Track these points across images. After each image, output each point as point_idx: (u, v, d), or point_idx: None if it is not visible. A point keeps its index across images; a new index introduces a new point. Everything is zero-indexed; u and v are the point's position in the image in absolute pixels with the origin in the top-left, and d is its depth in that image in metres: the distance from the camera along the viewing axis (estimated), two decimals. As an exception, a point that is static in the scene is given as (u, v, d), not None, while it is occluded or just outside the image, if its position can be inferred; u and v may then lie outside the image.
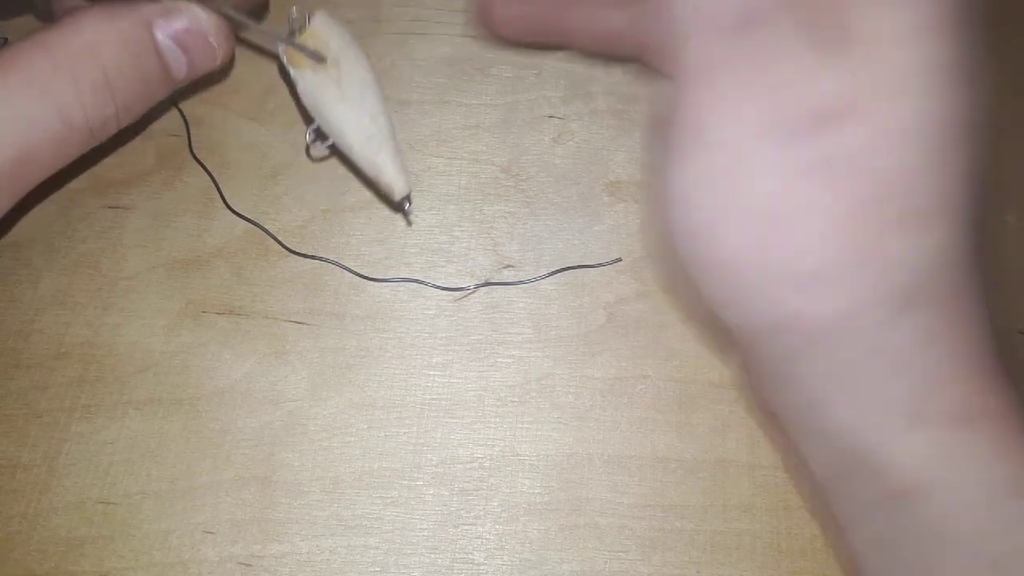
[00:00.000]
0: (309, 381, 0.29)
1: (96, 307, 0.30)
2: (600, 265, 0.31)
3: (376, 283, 0.31)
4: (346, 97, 0.26)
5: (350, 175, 0.32)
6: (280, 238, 0.31)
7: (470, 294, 0.31)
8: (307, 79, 0.26)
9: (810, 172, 0.20)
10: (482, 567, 0.27)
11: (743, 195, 0.21)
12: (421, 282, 0.31)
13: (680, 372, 0.29)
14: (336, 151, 0.27)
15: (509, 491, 0.28)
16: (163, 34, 0.24)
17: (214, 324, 0.30)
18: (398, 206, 0.28)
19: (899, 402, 0.21)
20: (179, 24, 0.24)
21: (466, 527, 0.27)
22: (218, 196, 0.31)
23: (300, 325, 0.30)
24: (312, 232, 0.31)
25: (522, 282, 0.31)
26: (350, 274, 0.31)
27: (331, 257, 0.31)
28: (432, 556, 0.27)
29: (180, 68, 0.25)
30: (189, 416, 0.28)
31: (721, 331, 0.25)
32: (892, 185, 0.20)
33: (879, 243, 0.20)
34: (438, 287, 0.31)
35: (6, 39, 0.32)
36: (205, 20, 0.24)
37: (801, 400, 0.23)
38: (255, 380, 0.29)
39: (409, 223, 0.32)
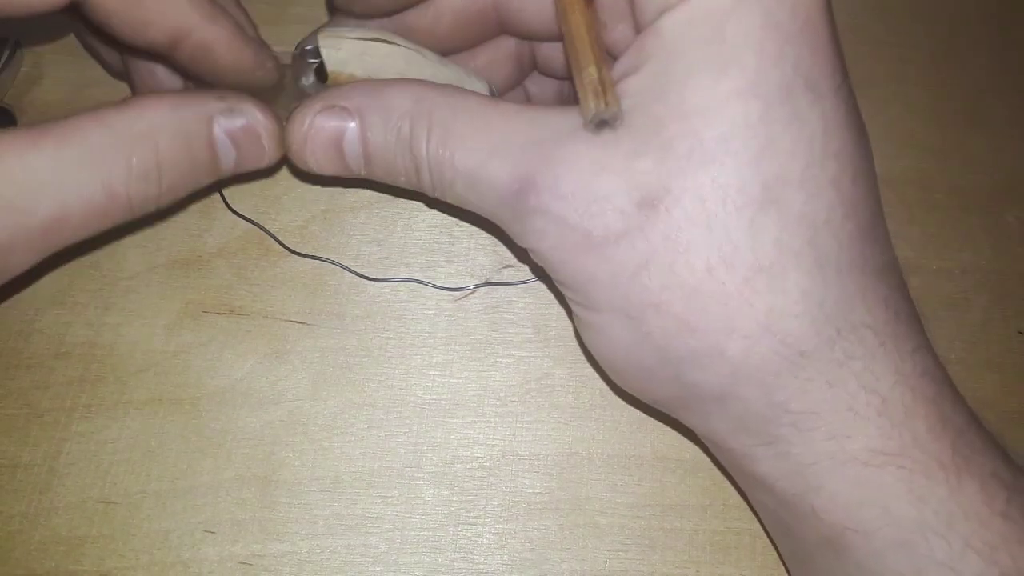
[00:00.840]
0: (309, 381, 0.29)
1: (96, 307, 0.30)
2: (600, 265, 0.31)
3: (376, 283, 0.31)
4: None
5: (350, 175, 0.32)
6: (280, 238, 0.31)
7: (470, 294, 0.31)
8: None
9: (652, 263, 0.21)
10: (482, 566, 0.27)
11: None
12: (421, 282, 0.31)
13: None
14: None
15: (509, 491, 0.28)
16: (220, 129, 0.24)
17: (214, 324, 0.30)
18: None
19: (818, 448, 0.21)
20: (238, 123, 0.25)
21: (466, 527, 0.28)
22: (218, 196, 0.32)
23: (300, 325, 0.30)
24: (312, 232, 0.31)
25: (522, 282, 0.31)
26: (350, 274, 0.31)
27: (331, 257, 0.31)
28: (432, 555, 0.27)
29: (228, 162, 0.25)
30: (189, 416, 0.29)
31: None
32: (722, 250, 0.20)
33: (742, 303, 0.20)
34: (438, 287, 0.31)
35: (17, 41, 0.32)
36: (262, 123, 0.25)
37: (730, 457, 0.24)
38: (255, 380, 0.29)
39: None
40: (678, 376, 0.22)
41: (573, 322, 0.25)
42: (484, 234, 0.32)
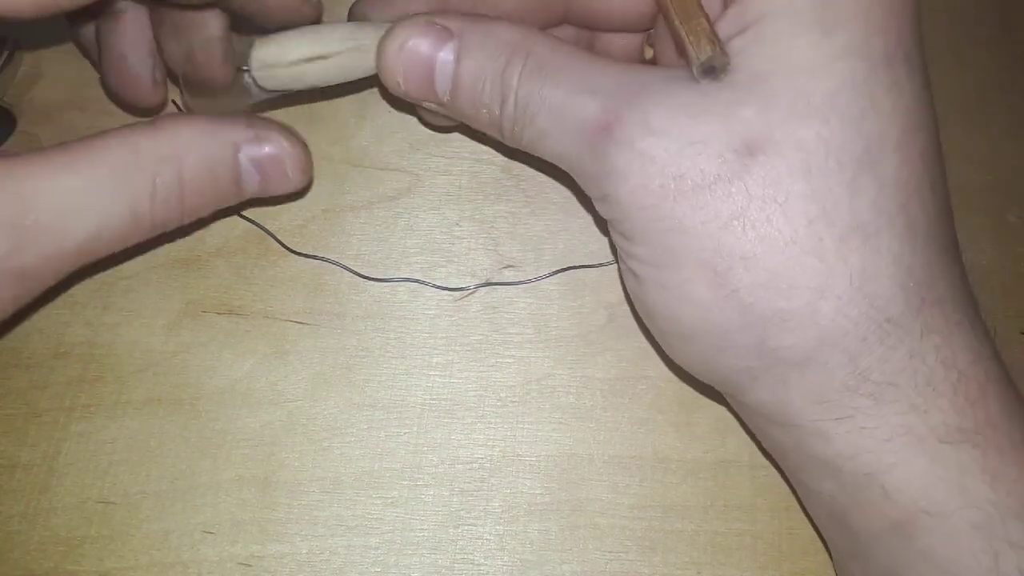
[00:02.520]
0: (309, 381, 0.29)
1: (96, 307, 0.30)
2: (601, 265, 0.31)
3: (376, 283, 0.31)
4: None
5: (350, 174, 0.32)
6: (280, 238, 0.31)
7: (470, 294, 0.31)
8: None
9: (748, 212, 0.20)
10: (482, 567, 0.27)
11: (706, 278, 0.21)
12: (421, 282, 0.31)
13: (681, 372, 0.29)
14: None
15: (509, 491, 0.28)
16: (245, 156, 0.25)
17: (214, 324, 0.30)
18: None
19: (894, 422, 0.21)
20: (264, 151, 0.26)
21: (466, 527, 0.27)
22: (218, 196, 0.31)
23: (300, 325, 0.30)
24: (312, 232, 0.31)
25: (523, 282, 0.31)
26: (350, 274, 0.31)
27: (331, 257, 0.31)
28: (432, 556, 0.27)
29: (252, 187, 0.26)
30: (189, 416, 0.28)
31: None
32: (823, 204, 0.20)
33: (838, 260, 0.20)
34: (438, 287, 0.31)
35: (16, 41, 0.32)
36: (288, 151, 0.26)
37: (796, 436, 0.23)
38: (255, 380, 0.29)
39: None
40: (762, 340, 0.21)
41: (630, 286, 0.24)
42: (484, 234, 0.31)
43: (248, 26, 0.27)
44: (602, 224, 0.30)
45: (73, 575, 0.26)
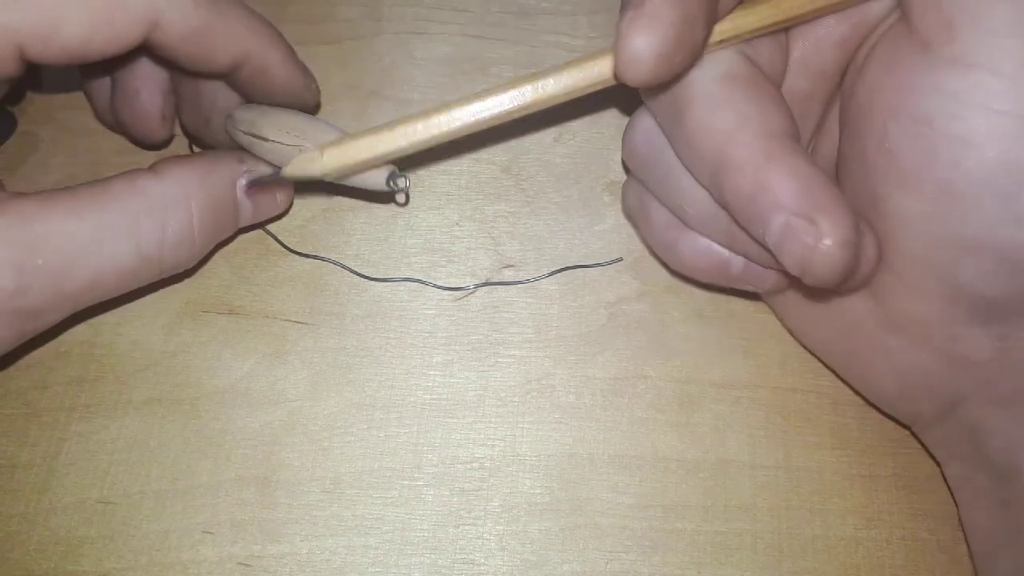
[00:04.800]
0: (309, 381, 0.29)
1: (95, 306, 0.30)
2: (601, 265, 0.31)
3: (376, 283, 0.31)
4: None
5: (350, 175, 0.32)
6: (280, 238, 0.31)
7: (470, 294, 0.31)
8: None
9: None
10: (482, 567, 0.27)
11: None
12: (421, 282, 0.31)
13: (681, 372, 0.29)
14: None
15: (509, 491, 0.28)
16: (241, 191, 0.27)
17: (214, 323, 0.30)
18: (394, 193, 0.28)
19: None
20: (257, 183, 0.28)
21: (466, 527, 0.27)
22: (218, 196, 0.31)
23: (300, 325, 0.30)
24: (312, 232, 0.31)
25: (522, 282, 0.31)
26: (350, 274, 0.31)
27: (331, 256, 0.31)
28: (432, 556, 0.27)
29: (247, 217, 0.28)
30: (189, 416, 0.28)
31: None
32: None
33: None
34: (438, 287, 0.31)
35: None
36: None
37: None
38: (255, 380, 0.29)
39: (407, 200, 0.32)
40: None
41: None
42: (484, 234, 0.31)
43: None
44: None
45: (73, 575, 0.26)
